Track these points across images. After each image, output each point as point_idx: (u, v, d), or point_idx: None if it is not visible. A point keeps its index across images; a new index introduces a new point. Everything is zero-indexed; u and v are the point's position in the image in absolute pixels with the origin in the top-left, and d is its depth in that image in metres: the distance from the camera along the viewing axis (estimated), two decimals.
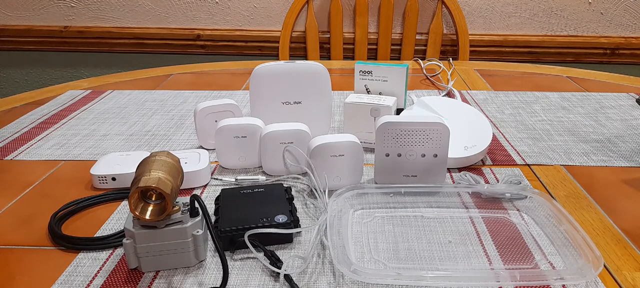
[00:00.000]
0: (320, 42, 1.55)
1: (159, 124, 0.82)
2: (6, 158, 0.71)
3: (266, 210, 0.51)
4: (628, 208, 0.56)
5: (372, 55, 1.58)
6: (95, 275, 0.46)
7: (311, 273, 0.46)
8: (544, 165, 0.66)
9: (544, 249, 0.49)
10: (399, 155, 0.58)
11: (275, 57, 1.58)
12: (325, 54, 1.59)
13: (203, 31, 1.61)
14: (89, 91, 0.98)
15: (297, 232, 0.51)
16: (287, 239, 0.50)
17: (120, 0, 1.59)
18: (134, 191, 0.43)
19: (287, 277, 0.44)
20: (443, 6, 1.49)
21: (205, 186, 0.62)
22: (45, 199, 0.59)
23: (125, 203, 0.58)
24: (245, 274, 0.46)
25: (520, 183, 0.58)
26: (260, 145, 0.62)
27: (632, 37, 1.56)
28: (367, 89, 0.78)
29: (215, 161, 0.68)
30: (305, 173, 0.62)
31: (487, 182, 0.62)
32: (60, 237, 0.50)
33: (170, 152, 0.49)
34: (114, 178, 0.61)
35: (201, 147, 0.71)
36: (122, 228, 0.53)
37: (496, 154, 0.69)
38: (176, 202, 0.46)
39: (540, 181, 0.63)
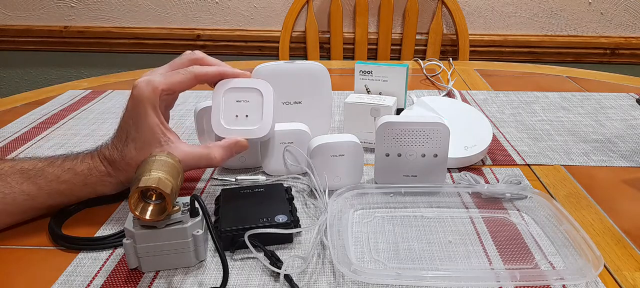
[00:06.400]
0: (320, 42, 1.55)
1: None
2: (6, 158, 0.70)
3: (266, 210, 0.51)
4: (628, 208, 0.56)
5: (372, 55, 1.58)
6: (95, 275, 0.46)
7: (311, 273, 0.46)
8: (544, 165, 0.66)
9: (544, 249, 0.49)
10: (399, 155, 0.58)
11: (275, 57, 1.58)
12: (325, 54, 1.59)
13: (203, 31, 1.61)
14: (89, 91, 0.98)
15: (297, 232, 0.51)
16: (287, 239, 0.50)
17: (120, 0, 1.59)
18: (134, 191, 0.43)
19: (287, 277, 0.44)
20: (443, 6, 1.49)
21: (205, 186, 0.62)
22: None
23: (125, 203, 0.58)
24: (245, 274, 0.46)
25: (520, 183, 0.58)
26: (260, 145, 0.62)
27: (632, 37, 1.56)
28: (367, 89, 0.78)
29: None
30: (305, 173, 0.62)
31: (487, 182, 0.62)
32: (60, 237, 0.50)
33: (171, 153, 0.49)
34: None
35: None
36: (122, 228, 0.53)
37: (496, 154, 0.69)
38: (176, 202, 0.46)
39: (540, 181, 0.63)
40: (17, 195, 0.50)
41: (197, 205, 0.46)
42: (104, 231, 0.53)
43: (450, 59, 1.18)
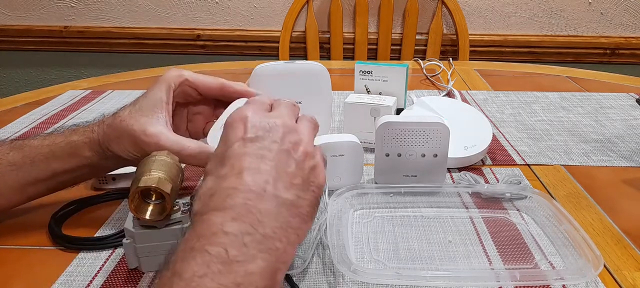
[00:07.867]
0: (320, 42, 1.55)
1: None
2: None
3: None
4: (628, 208, 0.56)
5: (372, 55, 1.58)
6: (95, 275, 0.46)
7: (311, 273, 0.46)
8: (544, 165, 0.66)
9: (544, 249, 0.49)
10: (399, 155, 0.58)
11: (275, 57, 1.58)
12: (325, 54, 1.59)
13: (203, 31, 1.61)
14: (89, 91, 0.98)
15: None
16: None
17: (120, 0, 1.59)
18: (134, 191, 0.43)
19: (287, 277, 0.44)
20: (443, 6, 1.50)
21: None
22: (45, 199, 0.59)
23: (125, 203, 0.58)
24: None
25: (520, 183, 0.58)
26: None
27: (632, 37, 1.56)
28: (367, 89, 0.78)
29: None
30: None
31: (487, 182, 0.62)
32: (60, 237, 0.50)
33: (170, 153, 0.49)
34: (114, 178, 0.61)
35: None
36: (122, 228, 0.53)
37: (496, 154, 0.69)
38: (176, 202, 0.46)
39: (540, 181, 0.63)
40: (4, 167, 0.49)
41: None
42: (104, 231, 0.53)
43: (450, 59, 1.18)
